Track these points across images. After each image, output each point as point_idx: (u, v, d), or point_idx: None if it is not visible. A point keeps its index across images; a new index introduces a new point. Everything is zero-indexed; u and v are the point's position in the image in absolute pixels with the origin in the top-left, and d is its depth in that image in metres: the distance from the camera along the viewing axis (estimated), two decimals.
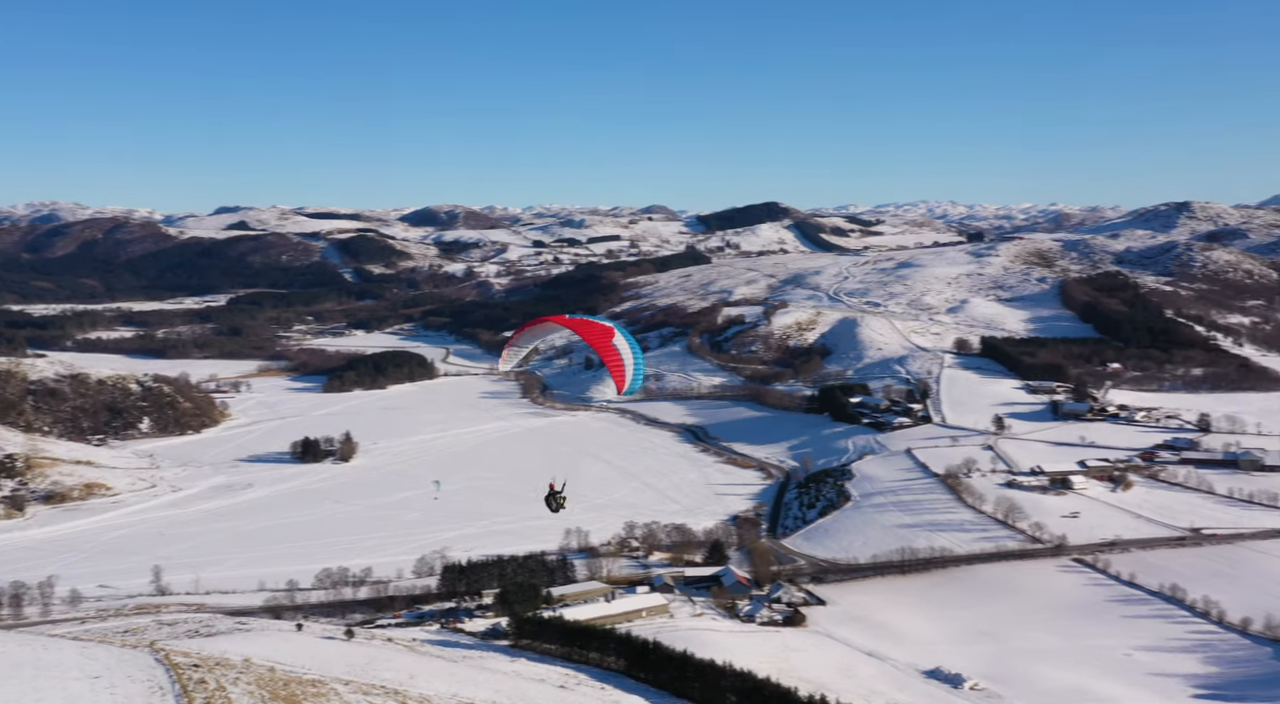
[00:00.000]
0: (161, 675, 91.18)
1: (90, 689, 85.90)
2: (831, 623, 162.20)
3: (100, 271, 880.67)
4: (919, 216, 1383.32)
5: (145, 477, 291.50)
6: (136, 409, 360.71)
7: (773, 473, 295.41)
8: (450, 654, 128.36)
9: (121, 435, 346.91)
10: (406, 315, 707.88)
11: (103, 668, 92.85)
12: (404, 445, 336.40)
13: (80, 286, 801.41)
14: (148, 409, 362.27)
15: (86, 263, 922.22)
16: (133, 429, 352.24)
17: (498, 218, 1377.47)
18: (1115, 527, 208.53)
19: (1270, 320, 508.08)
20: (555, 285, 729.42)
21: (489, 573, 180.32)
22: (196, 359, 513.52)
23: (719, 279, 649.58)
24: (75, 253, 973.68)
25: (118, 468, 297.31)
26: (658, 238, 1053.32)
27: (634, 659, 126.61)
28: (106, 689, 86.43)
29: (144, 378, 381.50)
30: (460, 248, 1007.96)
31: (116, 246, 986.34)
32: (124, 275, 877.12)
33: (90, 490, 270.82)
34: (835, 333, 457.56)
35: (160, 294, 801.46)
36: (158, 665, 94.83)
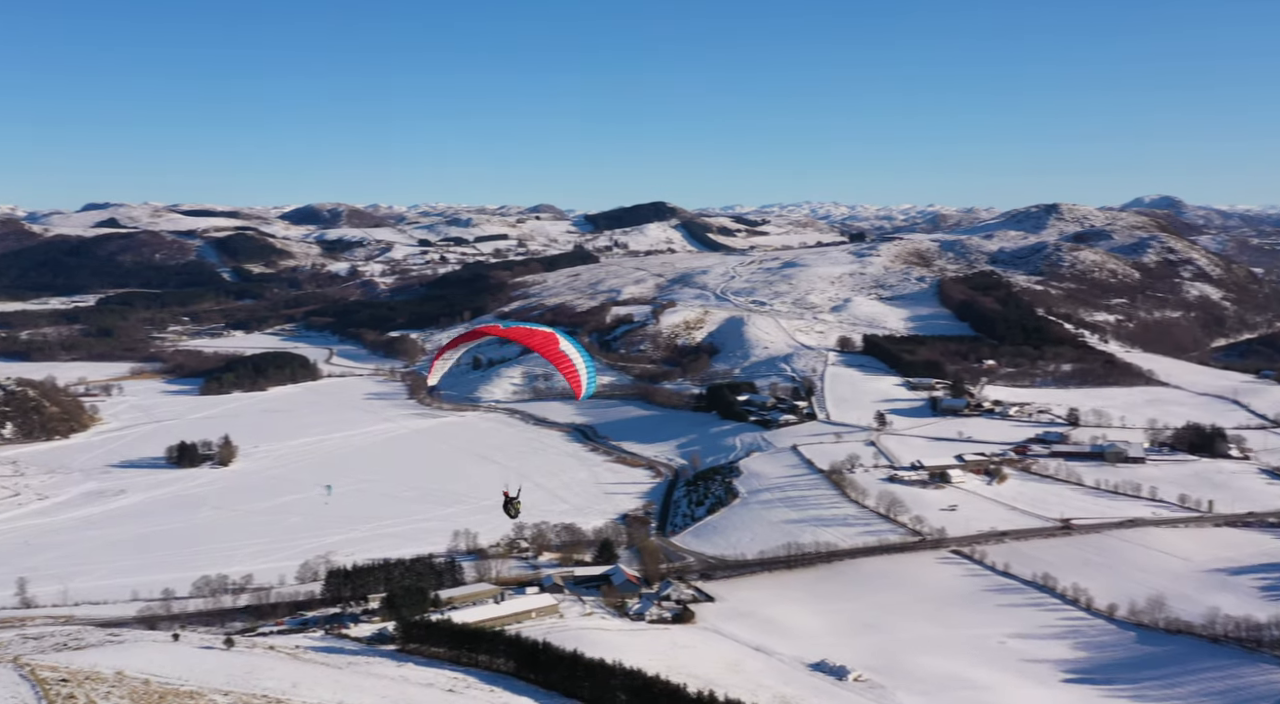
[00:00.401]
0: (27, 692, 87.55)
1: None
2: (720, 619, 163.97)
3: None
4: (803, 217, 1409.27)
5: (8, 484, 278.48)
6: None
7: (662, 471, 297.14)
8: (335, 661, 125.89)
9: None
10: (288, 316, 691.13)
11: None
12: (286, 449, 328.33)
13: None
14: (10, 414, 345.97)
15: None
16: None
17: (382, 216, 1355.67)
18: (991, 518, 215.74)
19: (1133, 318, 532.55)
20: (442, 285, 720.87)
21: (375, 577, 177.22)
22: (64, 361, 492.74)
23: (607, 278, 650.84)
24: None
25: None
26: (546, 237, 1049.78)
27: (524, 660, 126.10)
28: None
29: (6, 381, 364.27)
30: (344, 246, 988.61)
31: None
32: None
33: None
34: (722, 332, 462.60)
35: (24, 294, 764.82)
36: (22, 682, 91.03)
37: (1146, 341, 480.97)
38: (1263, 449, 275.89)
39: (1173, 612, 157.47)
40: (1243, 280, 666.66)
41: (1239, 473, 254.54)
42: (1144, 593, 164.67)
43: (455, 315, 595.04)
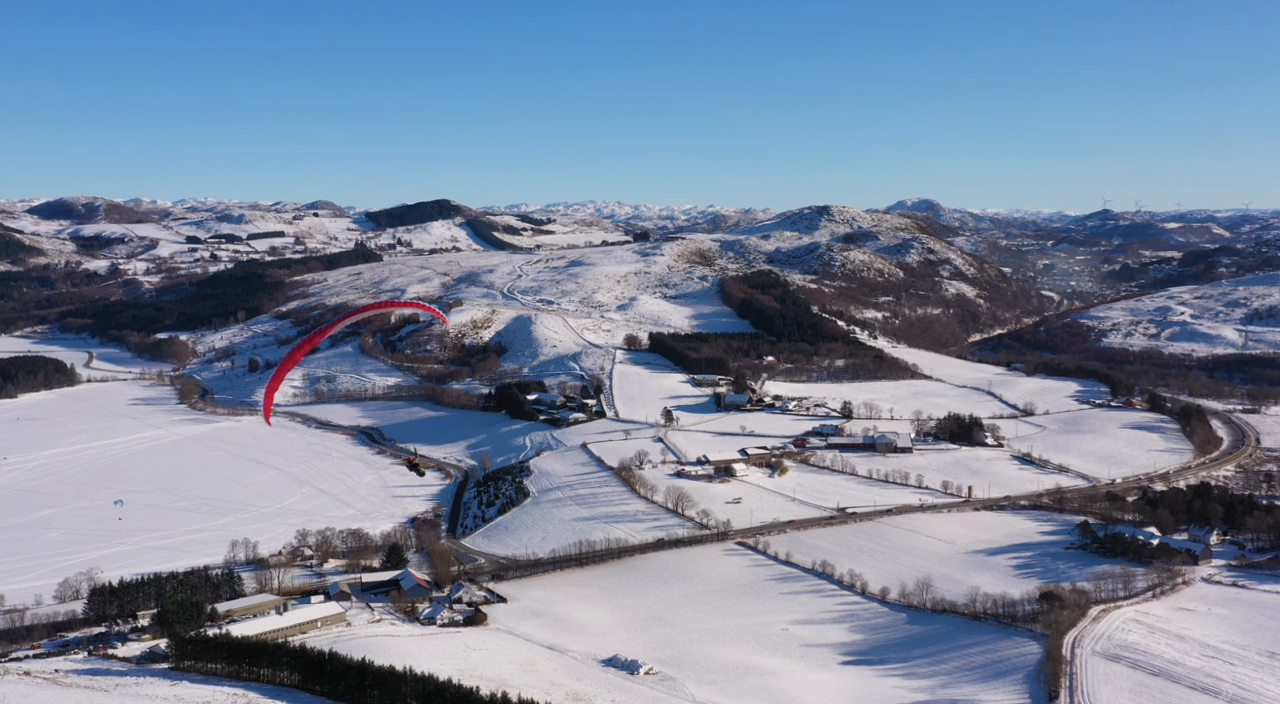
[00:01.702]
0: None
1: None
2: (512, 620, 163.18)
3: None
4: (588, 216, 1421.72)
5: None
6: None
7: (451, 472, 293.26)
8: (100, 683, 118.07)
9: None
10: (40, 317, 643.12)
11: None
12: (42, 459, 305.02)
13: None
14: None
15: None
16: None
17: (145, 211, 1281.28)
18: (773, 509, 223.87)
19: (899, 315, 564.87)
20: (214, 284, 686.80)
21: (145, 592, 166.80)
22: None
23: (391, 277, 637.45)
24: None
25: None
26: (325, 235, 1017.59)
27: (309, 672, 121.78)
28: None
29: None
30: (103, 243, 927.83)
31: None
32: None
33: None
34: (511, 331, 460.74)
35: None
36: None
37: (911, 337, 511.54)
38: (1014, 437, 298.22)
39: (939, 592, 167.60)
40: (994, 279, 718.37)
41: (994, 459, 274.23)
42: (913, 576, 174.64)
43: (229, 315, 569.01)
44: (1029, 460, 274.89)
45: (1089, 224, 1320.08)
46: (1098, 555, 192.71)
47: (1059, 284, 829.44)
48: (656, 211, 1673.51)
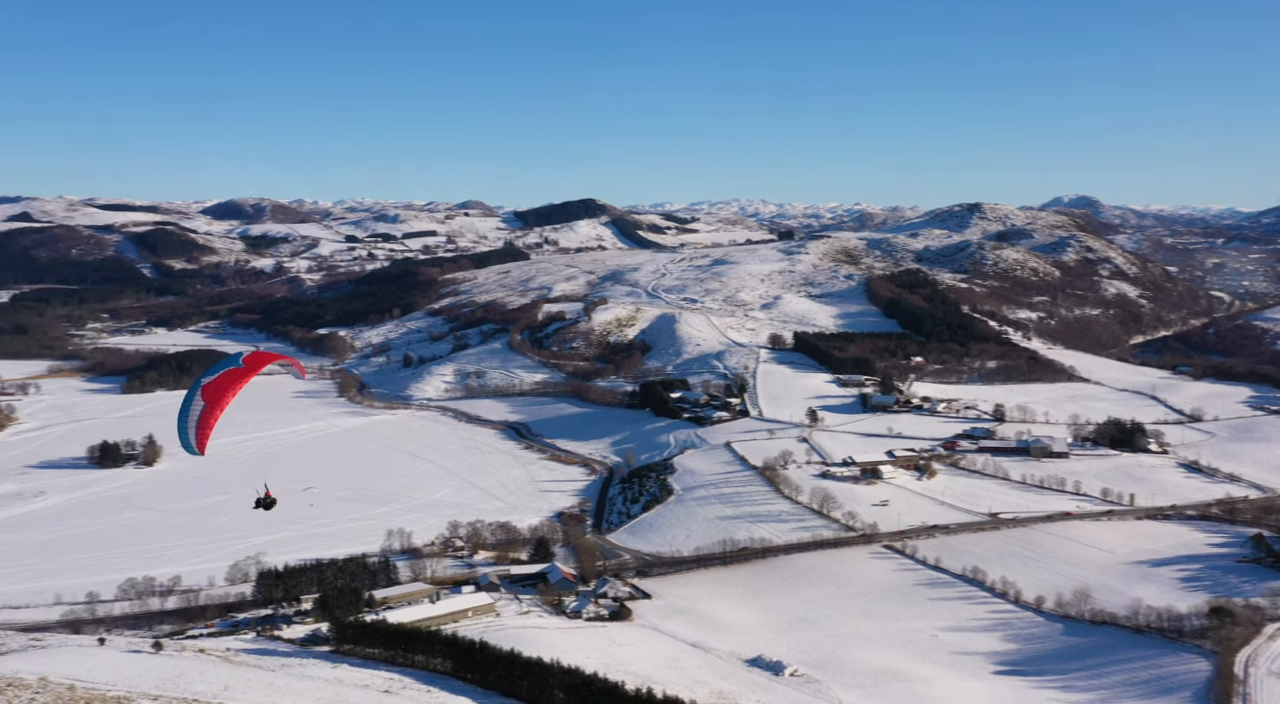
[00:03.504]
0: None
1: None
2: (657, 616, 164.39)
3: None
4: (732, 215, 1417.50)
5: None
6: None
7: (596, 469, 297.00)
8: (268, 663, 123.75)
9: None
10: (212, 312, 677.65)
11: None
12: (213, 448, 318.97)
13: None
14: None
15: None
16: None
17: (307, 212, 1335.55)
18: (921, 513, 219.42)
19: (1054, 316, 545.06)
20: (370, 281, 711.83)
21: (308, 578, 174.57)
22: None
23: (539, 275, 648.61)
24: None
25: None
26: (475, 234, 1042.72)
27: (460, 660, 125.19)
28: None
29: None
30: (268, 242, 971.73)
31: None
32: None
33: None
34: (655, 329, 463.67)
35: None
36: None
37: (1067, 338, 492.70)
38: (1180, 444, 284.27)
39: (1098, 603, 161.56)
40: (1158, 279, 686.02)
41: (1158, 467, 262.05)
42: (1070, 585, 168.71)
43: (384, 312, 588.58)
44: (1196, 468, 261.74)
45: (1264, 220, 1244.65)
46: (1273, 570, 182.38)
47: (1230, 284, 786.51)
48: (801, 210, 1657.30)
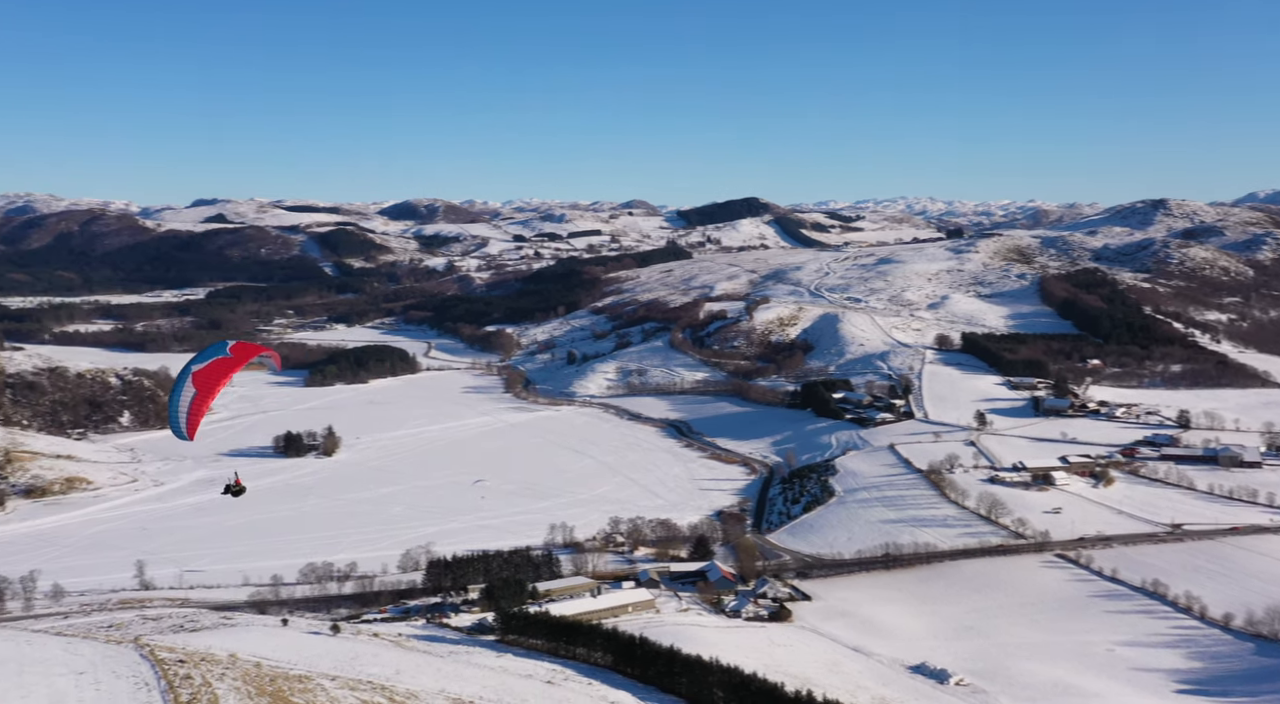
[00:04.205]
0: (147, 671, 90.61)
1: (75, 685, 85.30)
2: (817, 618, 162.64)
3: (77, 264, 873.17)
4: (898, 213, 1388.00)
5: (127, 471, 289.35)
6: (117, 403, 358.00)
7: (757, 468, 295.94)
8: (437, 649, 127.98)
9: (102, 429, 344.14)
10: (388, 309, 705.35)
11: (87, 663, 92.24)
12: (386, 440, 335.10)
13: (57, 279, 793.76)
14: (128, 403, 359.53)
15: (63, 255, 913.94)
16: (113, 423, 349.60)
17: (478, 212, 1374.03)
18: (1097, 522, 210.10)
19: (1247, 317, 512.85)
20: (536, 280, 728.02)
21: (474, 568, 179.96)
22: (176, 352, 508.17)
23: (700, 274, 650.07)
24: (51, 245, 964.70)
25: (99, 462, 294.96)
26: (638, 233, 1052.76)
27: (621, 654, 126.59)
28: (92, 685, 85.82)
29: (124, 371, 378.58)
30: (440, 242, 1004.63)
31: (93, 239, 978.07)
32: (101, 268, 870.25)
33: (71, 484, 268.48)
34: (817, 328, 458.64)
35: (138, 287, 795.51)
36: (143, 661, 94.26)
37: (1262, 342, 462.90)
38: None
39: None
40: None
41: None
42: (1262, 603, 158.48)
43: (550, 310, 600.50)
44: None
45: None
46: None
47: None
48: (971, 208, 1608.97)
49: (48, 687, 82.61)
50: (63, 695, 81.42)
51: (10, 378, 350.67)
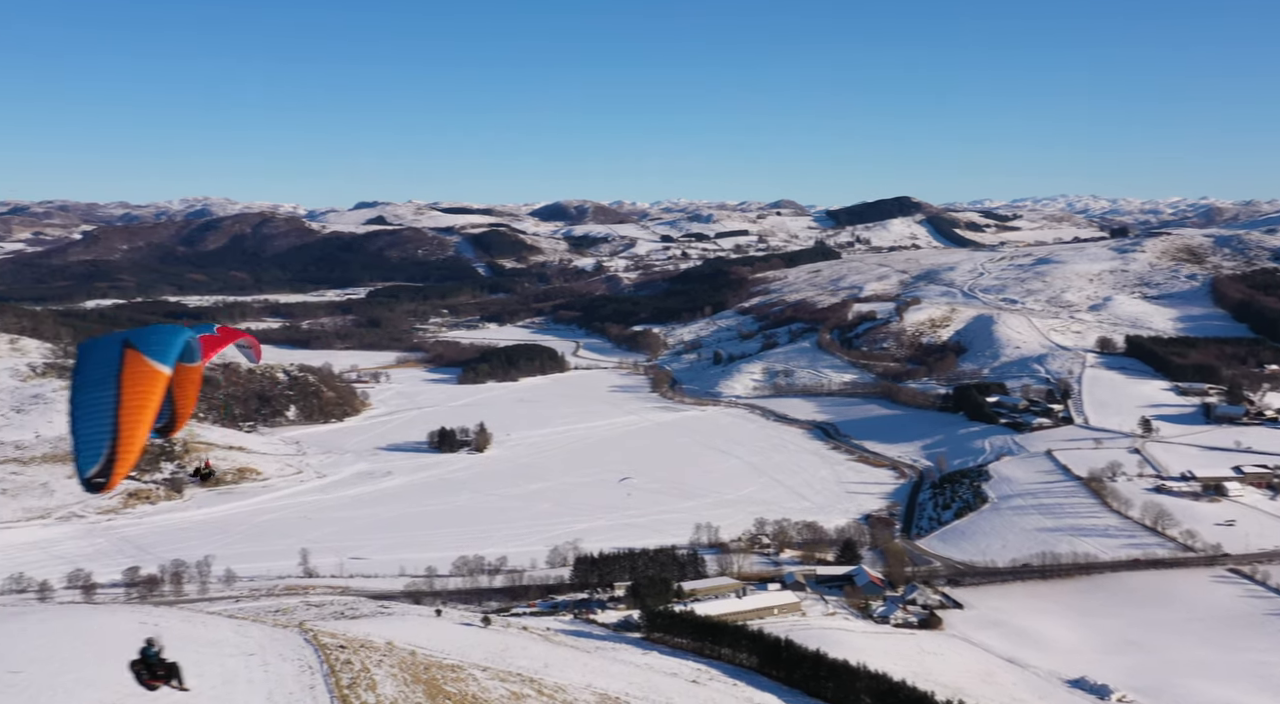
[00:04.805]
0: (310, 655, 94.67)
1: (245, 665, 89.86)
2: (969, 627, 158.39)
3: (249, 264, 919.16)
4: (1058, 211, 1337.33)
5: (292, 462, 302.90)
6: (284, 397, 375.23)
7: (906, 472, 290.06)
8: (583, 645, 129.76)
9: (270, 422, 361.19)
10: (537, 309, 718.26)
11: (256, 645, 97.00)
12: (535, 437, 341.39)
13: (230, 279, 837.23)
14: (294, 397, 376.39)
15: (236, 256, 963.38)
16: (280, 416, 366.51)
17: (626, 213, 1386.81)
18: (1275, 536, 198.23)
19: None
20: (683, 280, 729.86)
21: (621, 565, 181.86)
22: (338, 350, 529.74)
23: (849, 274, 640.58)
24: (226, 246, 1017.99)
25: (267, 453, 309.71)
26: (786, 233, 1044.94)
27: (766, 657, 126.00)
28: (260, 666, 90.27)
29: (290, 367, 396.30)
30: (589, 242, 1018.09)
31: (264, 240, 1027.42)
32: (271, 268, 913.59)
33: (242, 474, 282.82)
34: (970, 330, 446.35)
35: (304, 287, 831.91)
36: (307, 645, 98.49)
37: None
38: None
39: None
40: None
41: None
42: None
43: (696, 310, 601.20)
44: None
45: None
46: None
47: None
48: (1137, 205, 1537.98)
49: (220, 666, 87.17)
50: (234, 675, 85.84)
51: None
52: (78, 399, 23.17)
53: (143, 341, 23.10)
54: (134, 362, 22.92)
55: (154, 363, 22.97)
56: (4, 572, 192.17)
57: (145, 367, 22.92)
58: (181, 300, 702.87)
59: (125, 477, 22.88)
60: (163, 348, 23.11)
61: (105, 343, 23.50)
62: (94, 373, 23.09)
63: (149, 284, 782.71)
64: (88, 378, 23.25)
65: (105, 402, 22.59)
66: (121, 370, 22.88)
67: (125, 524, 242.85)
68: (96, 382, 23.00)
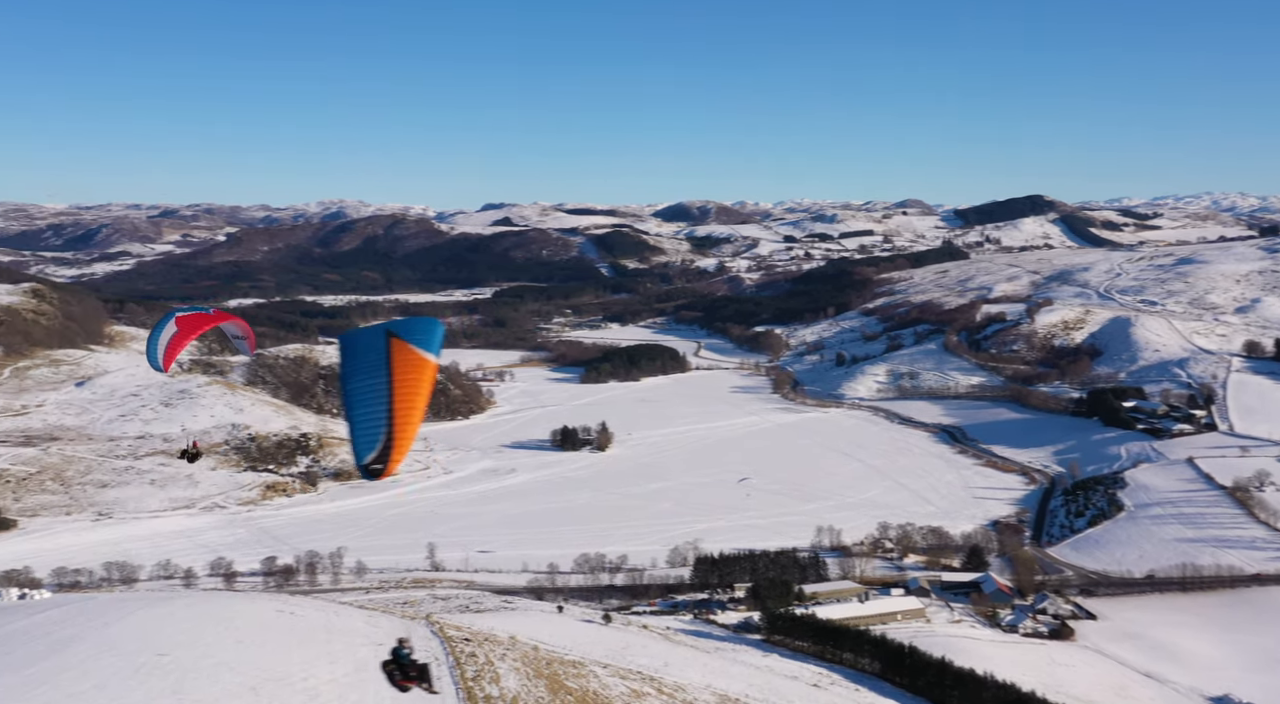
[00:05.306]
0: (437, 647, 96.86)
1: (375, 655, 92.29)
2: (1102, 639, 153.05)
3: (380, 265, 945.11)
4: (1202, 209, 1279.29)
5: (420, 458, 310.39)
6: None
7: (1036, 478, 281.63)
8: (703, 645, 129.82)
9: None
10: (659, 309, 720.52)
11: (385, 636, 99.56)
12: (656, 437, 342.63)
13: (363, 279, 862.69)
14: None
15: (369, 256, 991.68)
16: None
17: (749, 213, 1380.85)
18: None
19: None
20: (806, 280, 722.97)
21: (741, 567, 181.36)
22: (465, 349, 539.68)
23: (978, 275, 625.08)
24: (359, 247, 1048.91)
25: None
26: (912, 232, 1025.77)
27: (889, 663, 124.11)
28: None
29: None
30: (712, 243, 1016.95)
31: (395, 241, 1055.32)
32: (401, 268, 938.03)
33: None
34: (1106, 332, 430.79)
35: (432, 286, 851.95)
36: (433, 637, 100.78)
37: None
38: None
39: None
40: None
41: None
42: None
43: (819, 311, 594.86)
44: None
45: None
46: None
47: None
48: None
49: (351, 655, 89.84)
50: (364, 664, 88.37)
51: (323, 370, 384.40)
52: (350, 386, 23.50)
53: (406, 331, 23.36)
54: (401, 350, 23.19)
55: (421, 351, 23.20)
56: (153, 558, 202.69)
57: (414, 355, 23.18)
58: (317, 300, 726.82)
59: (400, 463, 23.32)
60: (427, 337, 23.37)
61: (369, 333, 23.79)
62: (363, 361, 23.37)
63: (287, 284, 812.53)
64: (357, 366, 23.47)
65: (378, 389, 23.01)
66: (390, 358, 23.12)
67: (263, 515, 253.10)
68: (367, 369, 23.28)
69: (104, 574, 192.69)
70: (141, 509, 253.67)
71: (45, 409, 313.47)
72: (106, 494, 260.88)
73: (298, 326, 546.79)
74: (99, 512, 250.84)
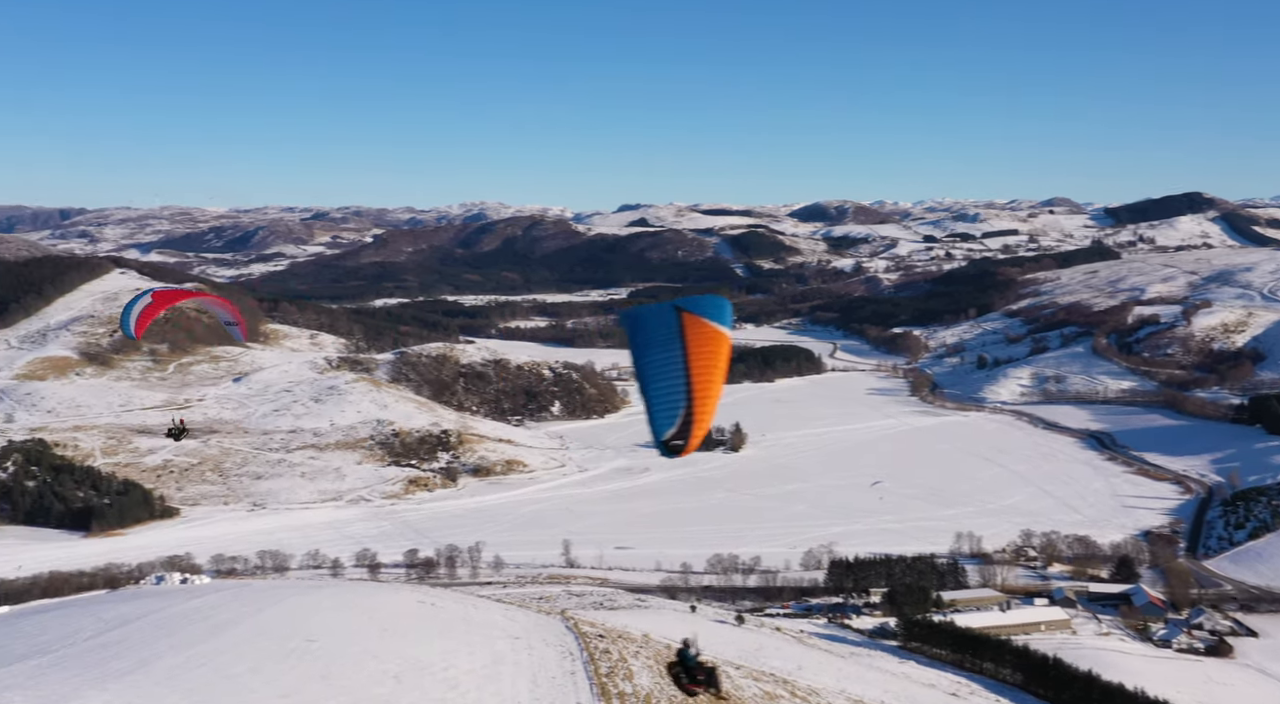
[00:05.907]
0: (571, 642, 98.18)
1: (511, 648, 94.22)
2: (1265, 657, 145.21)
3: (519, 265, 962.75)
4: None
5: (556, 456, 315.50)
6: (549, 393, 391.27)
7: (1191, 487, 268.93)
8: (837, 649, 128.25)
9: (535, 417, 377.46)
10: (794, 310, 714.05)
11: (522, 629, 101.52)
12: (791, 438, 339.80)
13: (502, 279, 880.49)
14: (558, 393, 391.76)
15: (508, 257, 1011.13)
16: (545, 411, 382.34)
17: (887, 212, 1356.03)
18: None
19: None
20: (947, 281, 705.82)
21: (876, 571, 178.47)
22: (600, 348, 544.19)
23: (1129, 276, 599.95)
24: (499, 248, 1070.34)
25: (533, 447, 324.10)
26: (1059, 232, 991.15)
27: (1032, 674, 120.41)
28: (525, 649, 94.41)
29: (555, 365, 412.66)
30: (849, 243, 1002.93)
31: (533, 242, 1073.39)
32: (539, 269, 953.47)
33: (510, 467, 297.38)
34: (1270, 336, 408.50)
35: (569, 287, 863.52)
36: (568, 633, 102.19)
37: None
38: None
39: None
40: None
41: None
42: None
43: (960, 312, 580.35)
44: None
45: None
46: None
47: None
48: None
49: (489, 648, 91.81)
50: (501, 656, 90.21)
51: (463, 368, 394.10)
52: (645, 360, 22.66)
53: (696, 306, 22.59)
54: (695, 324, 22.36)
55: (715, 324, 22.36)
56: (303, 548, 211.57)
57: (708, 328, 22.26)
58: (458, 300, 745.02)
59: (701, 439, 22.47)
60: (719, 311, 22.50)
61: (656, 309, 23.27)
62: (655, 335, 22.55)
63: (430, 284, 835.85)
64: (650, 339, 22.66)
65: (674, 363, 22.15)
66: (684, 332, 22.20)
67: (406, 509, 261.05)
68: (661, 342, 22.41)
69: (258, 562, 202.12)
70: (293, 500, 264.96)
71: (205, 403, 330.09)
72: (261, 485, 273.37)
73: (440, 326, 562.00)
74: (254, 502, 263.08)
